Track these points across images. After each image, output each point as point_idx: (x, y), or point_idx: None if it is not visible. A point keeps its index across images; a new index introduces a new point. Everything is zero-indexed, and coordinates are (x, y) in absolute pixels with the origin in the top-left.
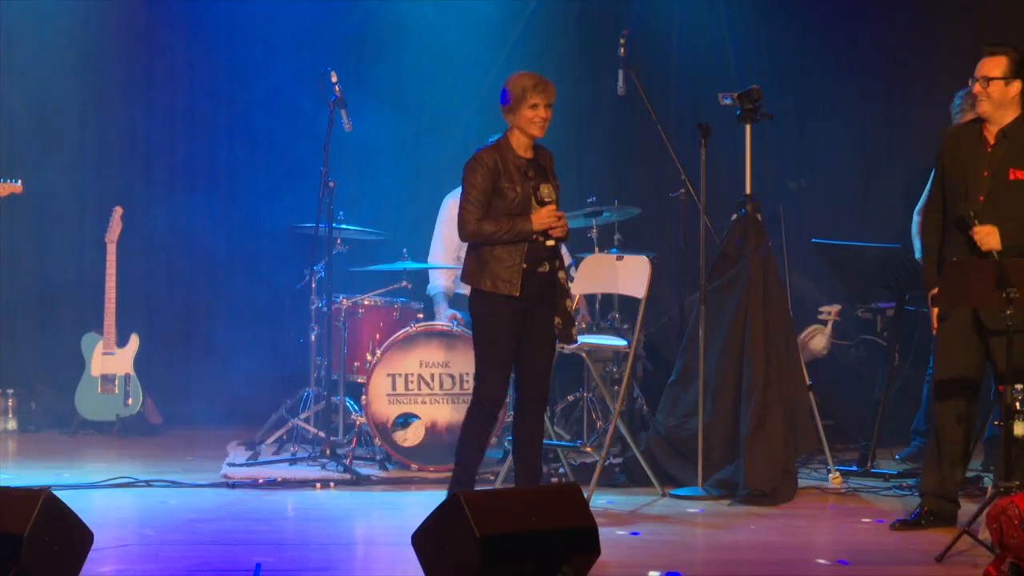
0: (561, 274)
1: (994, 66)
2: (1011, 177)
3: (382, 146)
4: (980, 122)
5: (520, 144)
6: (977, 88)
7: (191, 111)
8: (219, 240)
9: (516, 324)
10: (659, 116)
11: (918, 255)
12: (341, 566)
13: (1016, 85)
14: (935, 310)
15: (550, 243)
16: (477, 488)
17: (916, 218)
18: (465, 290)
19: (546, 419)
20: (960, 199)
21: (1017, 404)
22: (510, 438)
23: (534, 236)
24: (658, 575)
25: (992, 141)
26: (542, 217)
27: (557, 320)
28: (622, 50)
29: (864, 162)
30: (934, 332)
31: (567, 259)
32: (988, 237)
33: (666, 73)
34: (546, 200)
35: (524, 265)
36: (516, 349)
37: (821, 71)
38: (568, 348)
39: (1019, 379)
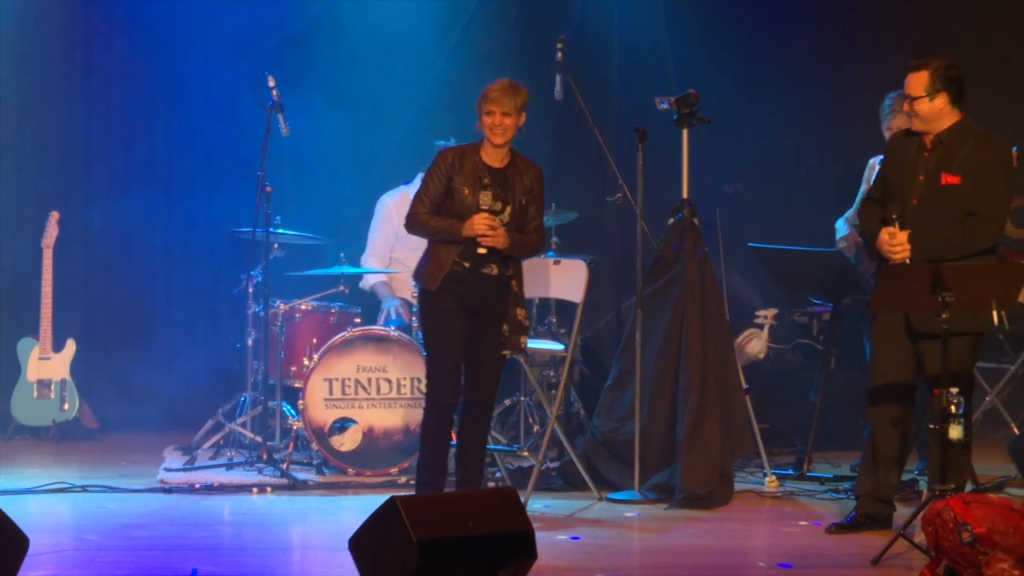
0: (515, 282)
1: (916, 84)
2: (943, 182)
3: (320, 150)
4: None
5: (489, 150)
6: (906, 107)
7: (129, 114)
8: (157, 244)
9: (459, 325)
10: (598, 120)
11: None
12: (278, 571)
13: (941, 98)
14: None
15: (481, 251)
16: (413, 493)
17: (841, 225)
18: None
19: None
20: (895, 201)
21: (952, 408)
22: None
23: (466, 241)
24: None
25: (929, 146)
26: (472, 223)
27: (505, 327)
28: (559, 54)
29: (801, 166)
30: None
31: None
32: (903, 247)
33: (605, 77)
34: (483, 207)
35: (461, 265)
36: (465, 352)
37: (759, 75)
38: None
39: (954, 383)
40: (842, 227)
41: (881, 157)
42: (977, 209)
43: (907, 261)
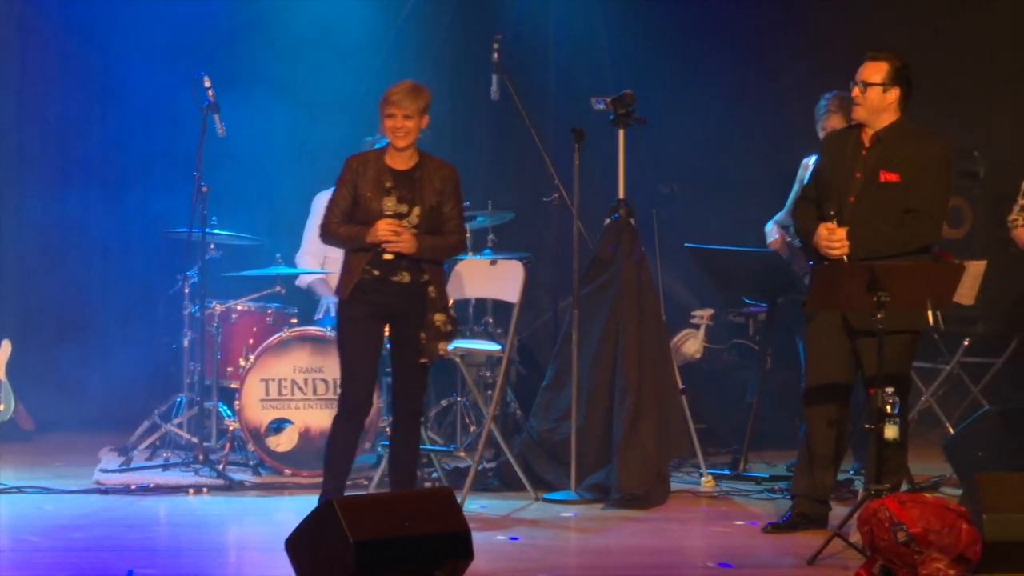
0: (432, 288)
1: (874, 71)
2: (881, 179)
3: (257, 150)
4: (860, 126)
5: (393, 153)
6: (856, 92)
7: (65, 114)
8: (93, 245)
9: (371, 330)
10: (537, 121)
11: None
12: (214, 572)
13: (894, 92)
14: None
15: (388, 256)
16: (350, 493)
17: (769, 229)
18: None
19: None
20: (832, 199)
21: (888, 407)
22: (384, 443)
23: (373, 247)
24: None
25: (867, 144)
26: (375, 229)
27: (422, 334)
28: (496, 55)
29: (736, 166)
30: None
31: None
32: (841, 243)
33: (543, 78)
34: (386, 212)
35: (371, 273)
36: (384, 358)
37: (694, 76)
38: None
39: (891, 382)
40: (770, 231)
41: (815, 157)
42: (916, 207)
43: (845, 258)
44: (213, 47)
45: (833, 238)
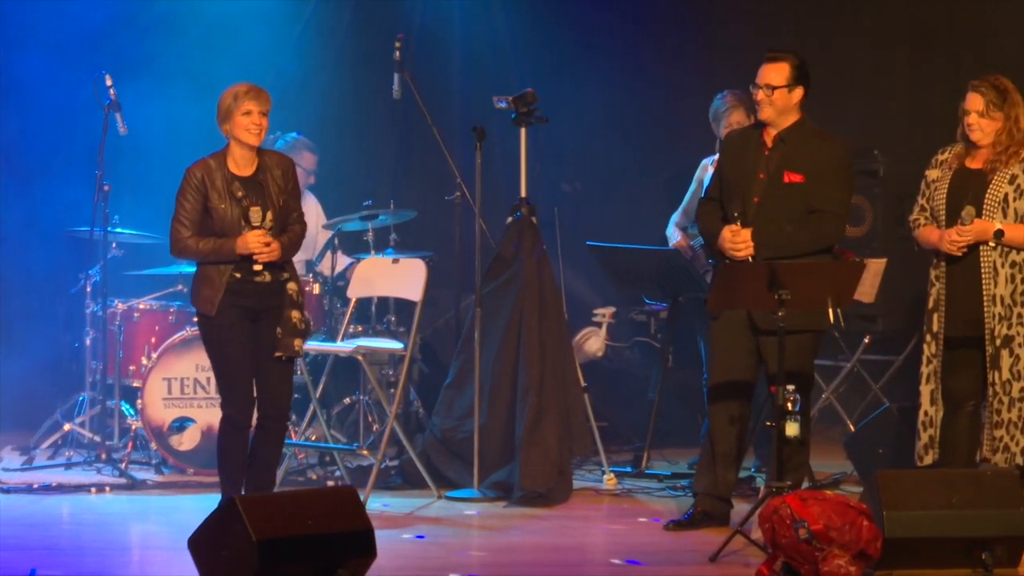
0: (291, 285)
1: (777, 73)
2: (785, 180)
3: (159, 149)
4: (761, 126)
5: (236, 158)
6: (760, 96)
7: None
8: None
9: (242, 337)
10: (442, 120)
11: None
12: (117, 571)
13: (798, 91)
14: None
15: (257, 267)
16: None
17: (672, 232)
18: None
19: (322, 422)
20: (736, 200)
21: (789, 405)
22: (287, 441)
23: (241, 259)
24: None
25: (770, 145)
26: (247, 241)
27: (278, 329)
28: (397, 54)
29: (636, 165)
30: None
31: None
32: (746, 245)
33: (448, 76)
34: (255, 225)
35: (234, 277)
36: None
37: (595, 75)
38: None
39: (795, 380)
40: (672, 232)
41: (714, 157)
42: (820, 207)
43: (750, 259)
44: (116, 43)
45: (737, 239)
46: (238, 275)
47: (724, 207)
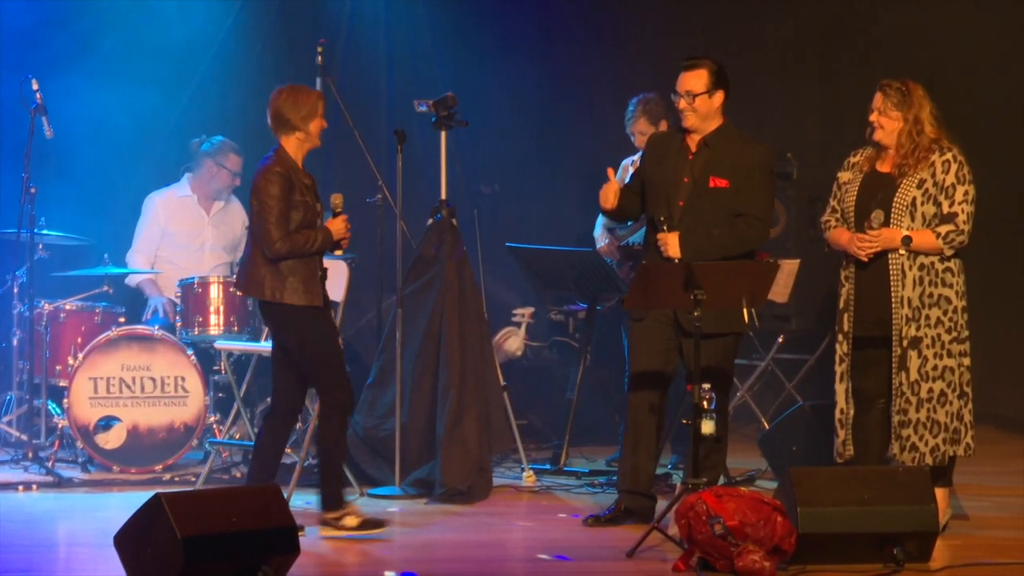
0: None
1: (696, 80)
2: (711, 184)
3: (85, 151)
4: (684, 130)
5: (299, 157)
6: (682, 104)
7: None
8: None
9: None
10: (365, 123)
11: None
12: (43, 568)
13: (719, 95)
14: None
15: (338, 252)
16: (177, 490)
17: (599, 234)
18: None
19: (246, 421)
20: (661, 204)
21: (705, 403)
22: (211, 439)
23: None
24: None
25: (694, 149)
26: (338, 226)
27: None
28: (319, 58)
29: (555, 166)
30: None
31: None
32: (670, 246)
33: (375, 80)
34: (336, 211)
35: (322, 273)
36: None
37: (514, 79)
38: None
39: (715, 379)
40: (600, 236)
41: (633, 158)
42: (744, 211)
43: (677, 260)
44: (43, 48)
45: (666, 243)
46: (325, 266)
47: (647, 210)
